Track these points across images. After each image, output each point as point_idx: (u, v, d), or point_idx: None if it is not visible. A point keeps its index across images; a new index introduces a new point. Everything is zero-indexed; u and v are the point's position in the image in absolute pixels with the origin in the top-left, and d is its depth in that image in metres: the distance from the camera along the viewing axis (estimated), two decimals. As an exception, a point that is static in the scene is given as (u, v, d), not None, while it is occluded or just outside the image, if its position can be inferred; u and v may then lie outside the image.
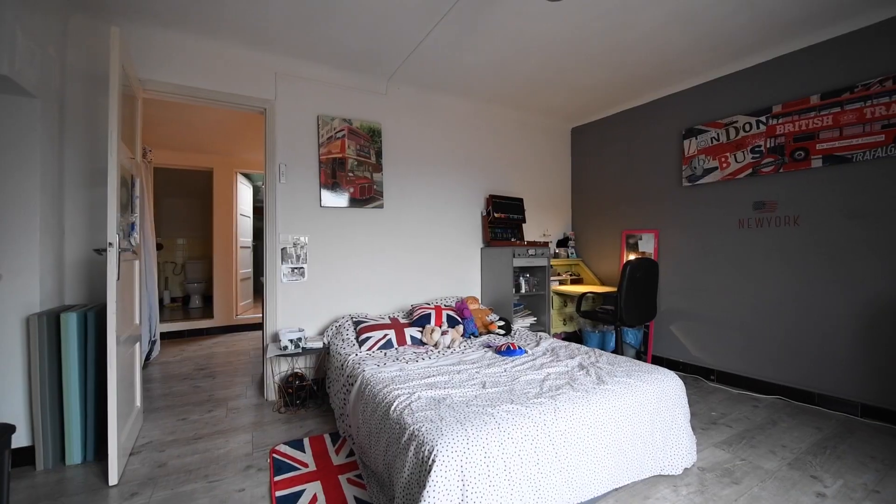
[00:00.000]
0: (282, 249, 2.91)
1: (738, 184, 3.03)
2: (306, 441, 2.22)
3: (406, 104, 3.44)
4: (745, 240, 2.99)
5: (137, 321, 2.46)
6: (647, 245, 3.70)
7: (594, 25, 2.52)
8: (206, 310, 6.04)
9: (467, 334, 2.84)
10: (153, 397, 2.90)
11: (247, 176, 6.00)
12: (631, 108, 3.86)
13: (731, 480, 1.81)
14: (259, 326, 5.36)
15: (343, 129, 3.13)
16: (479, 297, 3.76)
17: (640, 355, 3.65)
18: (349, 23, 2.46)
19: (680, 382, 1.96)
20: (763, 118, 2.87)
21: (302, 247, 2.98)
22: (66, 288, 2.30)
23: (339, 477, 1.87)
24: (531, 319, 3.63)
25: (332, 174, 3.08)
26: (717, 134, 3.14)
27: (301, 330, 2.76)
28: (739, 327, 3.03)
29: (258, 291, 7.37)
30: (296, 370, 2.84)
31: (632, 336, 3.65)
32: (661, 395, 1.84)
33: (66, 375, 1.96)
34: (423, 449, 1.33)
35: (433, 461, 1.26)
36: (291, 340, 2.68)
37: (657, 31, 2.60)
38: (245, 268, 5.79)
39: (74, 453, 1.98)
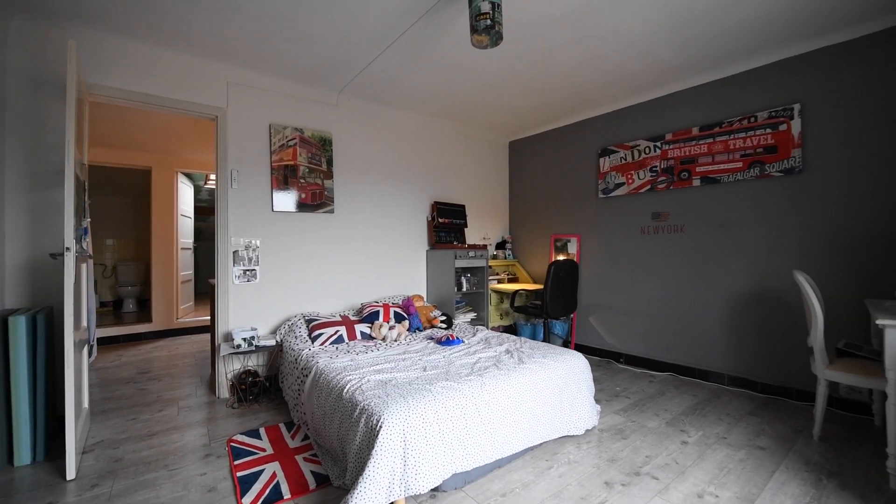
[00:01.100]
0: (233, 252, 3.02)
1: (640, 197, 3.62)
2: (262, 430, 2.39)
3: (356, 115, 3.67)
4: (646, 244, 3.58)
5: (85, 324, 2.48)
6: (573, 247, 4.23)
7: (522, 61, 2.93)
8: (142, 314, 5.80)
9: (413, 329, 3.14)
10: (96, 401, 2.88)
11: (188, 175, 5.84)
12: (559, 128, 4.38)
13: (621, 437, 2.28)
14: (203, 329, 5.29)
15: (295, 138, 3.30)
16: (424, 295, 4.08)
17: (566, 344, 4.16)
18: (304, 42, 2.66)
19: (585, 361, 2.41)
20: (658, 143, 3.47)
21: (254, 249, 3.11)
22: (6, 291, 2.29)
23: (296, 457, 2.08)
24: (472, 315, 4.00)
25: (284, 180, 3.24)
26: (625, 154, 3.71)
27: (254, 329, 2.90)
28: (641, 317, 3.61)
29: (201, 294, 7.16)
30: (248, 368, 2.97)
31: (559, 327, 4.15)
32: (569, 371, 2.27)
33: (15, 378, 1.99)
34: (372, 419, 1.61)
35: (380, 427, 1.54)
36: (245, 339, 2.82)
37: (573, 70, 3.07)
38: (186, 270, 5.64)
39: (23, 454, 2.01)
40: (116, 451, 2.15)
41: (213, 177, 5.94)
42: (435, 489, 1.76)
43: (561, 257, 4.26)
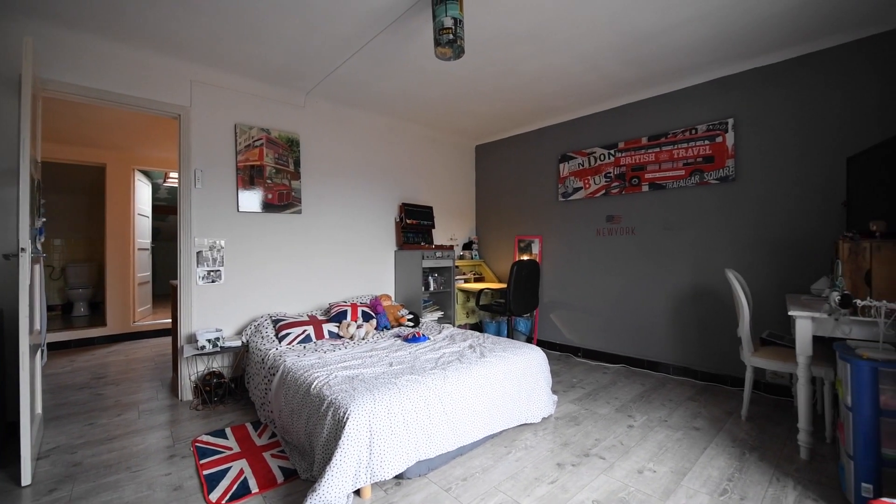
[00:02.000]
0: (197, 253, 2.99)
1: (596, 201, 3.86)
2: (228, 430, 2.41)
3: (324, 117, 3.70)
4: (601, 245, 3.83)
5: (38, 328, 2.40)
6: (536, 248, 4.43)
7: (485, 71, 3.08)
8: (95, 317, 5.54)
9: (380, 327, 3.22)
10: (48, 408, 2.77)
11: (145, 173, 5.63)
12: (522, 134, 4.57)
13: (575, 423, 2.46)
14: (163, 332, 5.12)
15: (261, 138, 3.30)
16: (392, 294, 4.16)
17: (529, 340, 4.36)
18: (272, 44, 2.68)
19: (542, 355, 2.58)
20: (612, 151, 3.72)
21: (219, 250, 3.09)
22: (-51, 294, 2.18)
23: (263, 454, 2.12)
24: (439, 313, 4.12)
25: (250, 180, 3.23)
26: (582, 161, 3.94)
27: (219, 330, 2.89)
28: (597, 313, 3.85)
29: (160, 296, 6.89)
30: (213, 369, 2.95)
31: (523, 324, 4.34)
32: (528, 364, 2.43)
33: (-38, 383, 1.92)
34: (339, 412, 1.69)
35: (347, 418, 1.63)
36: (209, 340, 2.80)
37: (533, 80, 3.25)
38: (143, 271, 5.44)
39: (-29, 462, 1.94)
40: (74, 456, 2.11)
41: (172, 175, 5.74)
42: (400, 476, 1.85)
43: (525, 257, 4.46)
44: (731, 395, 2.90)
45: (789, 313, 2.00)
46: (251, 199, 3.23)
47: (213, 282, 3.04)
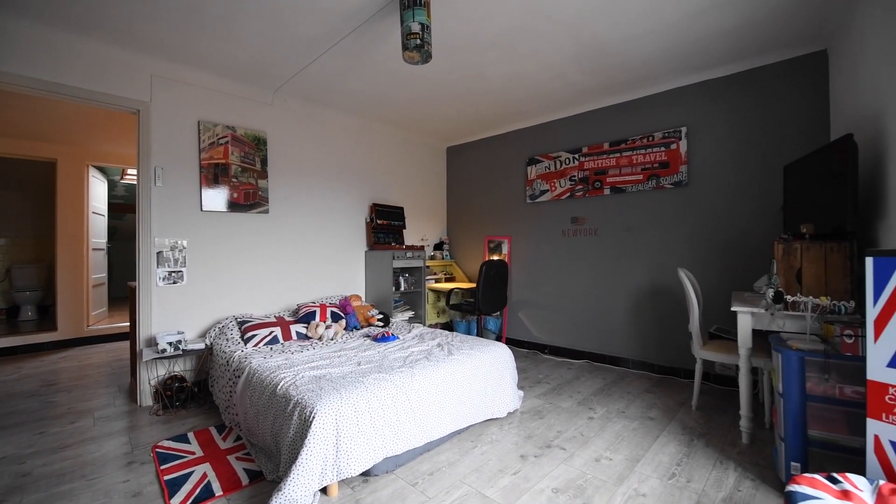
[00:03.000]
0: (158, 253, 2.90)
1: (562, 203, 4.01)
2: (191, 435, 2.35)
3: (293, 116, 3.66)
4: (566, 245, 3.97)
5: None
6: (506, 248, 4.54)
7: (454, 75, 3.14)
8: (44, 322, 5.22)
9: (350, 328, 3.22)
10: (-8, 417, 2.62)
11: (101, 169, 5.36)
12: (492, 136, 4.67)
13: (539, 417, 2.56)
14: (120, 336, 4.90)
15: (226, 136, 3.23)
16: (363, 295, 4.15)
17: (499, 338, 4.46)
18: (237, 41, 2.63)
19: (508, 352, 2.66)
20: (577, 155, 3.87)
21: (181, 250, 3.00)
22: None
23: (228, 457, 2.09)
24: (409, 313, 4.15)
25: (215, 179, 3.16)
26: (549, 164, 4.08)
27: (181, 333, 2.81)
28: (563, 311, 3.99)
29: (117, 299, 6.55)
30: (174, 373, 2.87)
31: (492, 323, 4.44)
32: (494, 361, 2.50)
33: None
34: (305, 411, 1.70)
35: (313, 417, 1.64)
36: (170, 343, 2.73)
37: (501, 86, 3.34)
38: (99, 272, 5.18)
39: None
40: (23, 466, 2.01)
41: (131, 171, 5.49)
42: (367, 473, 1.88)
43: (495, 257, 4.55)
44: (684, 387, 3.08)
45: (732, 309, 2.17)
46: (216, 199, 3.15)
47: (174, 283, 2.95)
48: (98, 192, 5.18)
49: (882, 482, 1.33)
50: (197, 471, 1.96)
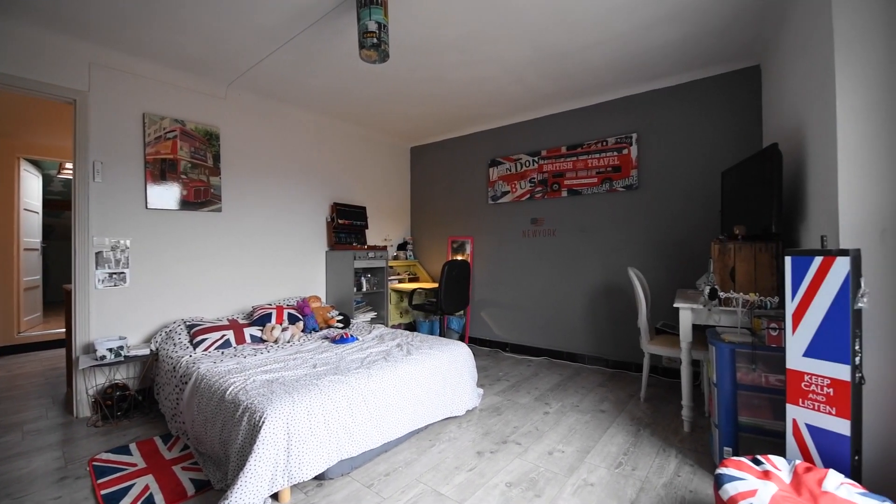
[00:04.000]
0: (96, 253, 2.71)
1: (522, 204, 4.10)
2: (133, 446, 2.22)
3: (248, 110, 3.53)
4: (526, 246, 4.07)
5: None
6: (469, 248, 4.58)
7: (416, 75, 3.14)
8: (-34, 329, 4.74)
9: (308, 329, 3.15)
10: None
11: (34, 163, 4.94)
12: (455, 137, 4.71)
13: (497, 414, 2.61)
14: (56, 344, 4.54)
15: (175, 130, 3.07)
16: (323, 296, 4.07)
17: (462, 338, 4.50)
18: (186, 30, 2.51)
19: (467, 350, 2.69)
20: (536, 158, 3.97)
21: (123, 250, 2.83)
22: None
23: (173, 467, 2.00)
24: (372, 314, 4.11)
25: (162, 175, 3.00)
26: (510, 166, 4.17)
27: (123, 338, 2.65)
28: (523, 310, 4.09)
29: (53, 303, 6.06)
30: (116, 381, 2.69)
31: (456, 323, 4.47)
32: (453, 360, 2.53)
33: None
34: (254, 416, 1.65)
35: (263, 422, 1.60)
36: (111, 349, 2.56)
37: (464, 87, 3.38)
38: (32, 275, 4.77)
39: None
40: (-67, 489, 1.82)
41: (69, 166, 5.10)
42: (321, 477, 1.85)
43: (459, 257, 4.59)
44: (634, 380, 3.24)
45: (674, 305, 2.31)
46: (163, 196, 2.99)
47: (115, 285, 2.77)
48: (31, 188, 4.78)
49: (798, 461, 1.46)
50: (138, 483, 1.85)
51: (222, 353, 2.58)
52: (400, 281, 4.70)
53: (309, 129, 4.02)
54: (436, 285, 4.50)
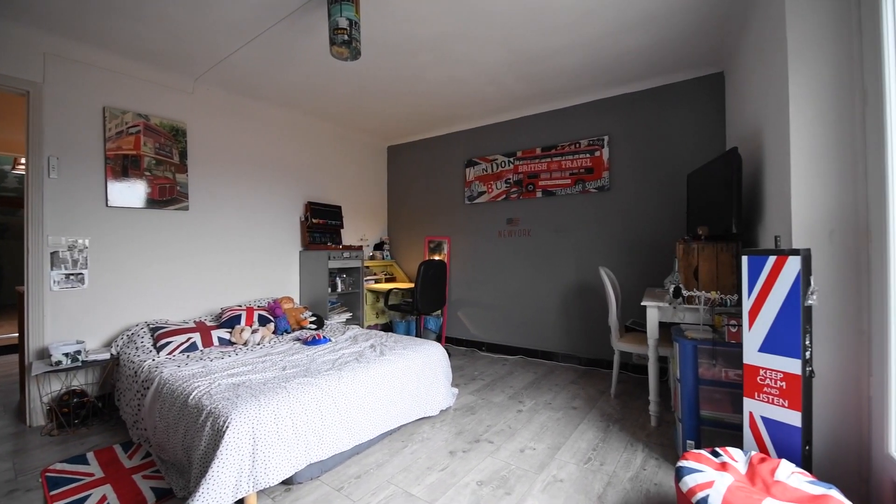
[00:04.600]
0: (52, 253, 2.58)
1: (498, 205, 4.13)
2: (90, 455, 2.12)
3: (217, 106, 3.42)
4: (502, 245, 4.11)
5: None
6: (446, 248, 4.59)
7: (391, 74, 3.12)
8: None
9: (280, 331, 3.08)
10: None
11: (-15, 157, 4.65)
12: (432, 137, 4.71)
13: (471, 413, 2.62)
14: (7, 349, 4.28)
15: (138, 125, 2.95)
16: (297, 296, 3.99)
17: (439, 338, 4.50)
18: (151, 21, 2.40)
19: (442, 350, 2.69)
20: (511, 159, 4.01)
21: (81, 250, 2.70)
22: None
23: (133, 476, 1.92)
24: (347, 315, 4.06)
25: (124, 172, 2.87)
26: (486, 166, 4.19)
27: (80, 342, 2.53)
28: (499, 309, 4.12)
29: (5, 306, 5.71)
30: (73, 387, 2.57)
31: (433, 322, 4.47)
32: (427, 360, 2.52)
33: None
34: (218, 421, 1.60)
35: (227, 427, 1.55)
36: (67, 354, 2.44)
37: (440, 87, 3.38)
38: (-18, 276, 4.49)
39: None
40: None
41: (24, 161, 4.82)
42: (289, 481, 1.81)
43: (436, 257, 4.59)
44: (606, 377, 3.31)
45: (642, 304, 2.37)
46: (125, 193, 2.87)
47: (73, 287, 2.64)
48: (-19, 184, 4.50)
49: (754, 453, 1.52)
50: (95, 494, 1.77)
51: (188, 356, 2.49)
52: (376, 281, 4.66)
53: (282, 127, 3.93)
54: (410, 285, 4.48)
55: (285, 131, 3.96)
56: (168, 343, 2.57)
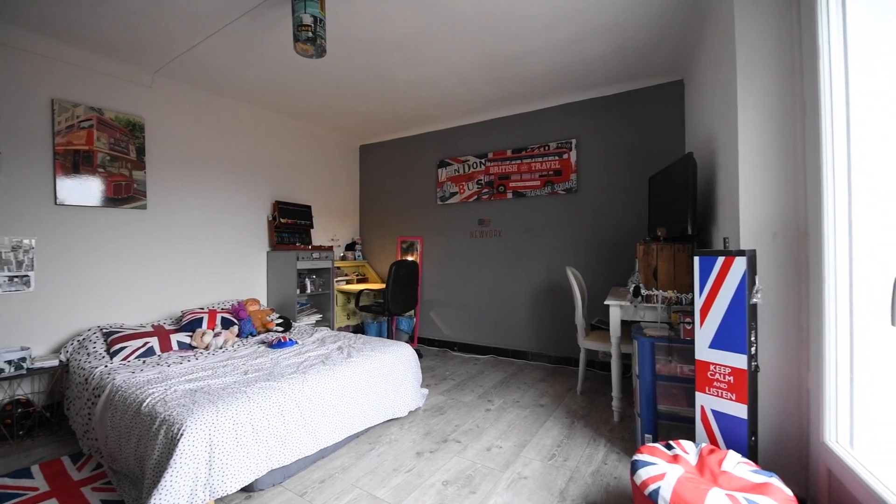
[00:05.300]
0: (-7, 254, 2.41)
1: (470, 205, 4.16)
2: (35, 468, 2.00)
3: (179, 101, 3.29)
4: (474, 246, 4.14)
5: None
6: (419, 248, 4.57)
7: (361, 73, 3.09)
8: None
9: (245, 334, 2.99)
10: None
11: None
12: (405, 137, 4.69)
13: (440, 413, 2.63)
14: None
15: (91, 119, 2.80)
16: (264, 298, 3.89)
17: (411, 339, 4.48)
18: (102, 10, 2.29)
19: (411, 351, 2.69)
20: (483, 160, 4.05)
21: (26, 251, 2.54)
22: None
23: (82, 489, 1.82)
24: (317, 317, 3.99)
25: (75, 168, 2.72)
26: (458, 167, 4.21)
27: (25, 349, 2.38)
28: (471, 309, 4.15)
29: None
30: (18, 396, 2.41)
31: (405, 323, 4.44)
32: (395, 361, 2.51)
33: None
34: (172, 428, 1.54)
35: (181, 435, 1.49)
36: (10, 361, 2.29)
37: (411, 87, 3.37)
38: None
39: None
40: None
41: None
42: (250, 488, 1.77)
43: (409, 258, 4.57)
44: (574, 374, 3.39)
45: (605, 302, 2.44)
46: (76, 191, 2.72)
47: (16, 290, 2.48)
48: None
49: (704, 445, 1.59)
50: (37, 510, 1.67)
51: (144, 362, 2.39)
52: (348, 282, 4.60)
53: (248, 123, 3.82)
54: (379, 285, 4.45)
55: (252, 128, 3.85)
56: (122, 348, 2.45)
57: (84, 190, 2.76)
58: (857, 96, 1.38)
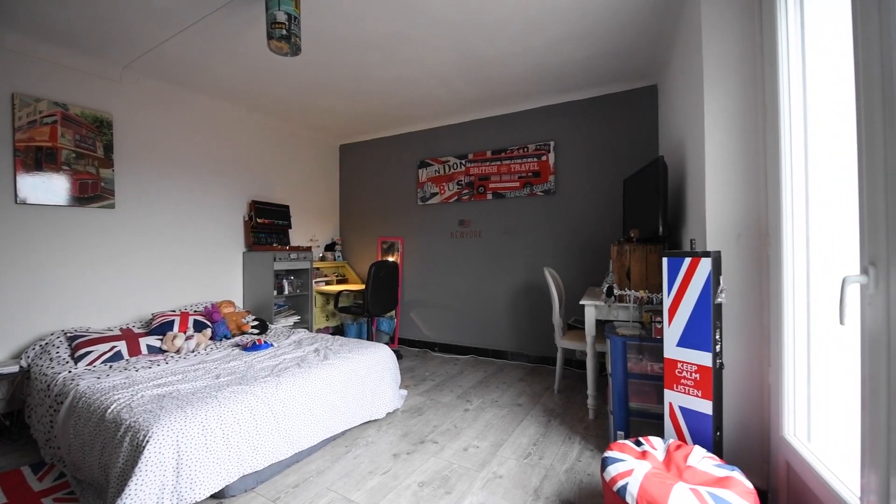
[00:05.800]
0: (-54, 256, 2.30)
1: (450, 206, 4.17)
2: (-9, 480, 1.91)
3: (149, 96, 3.20)
4: (454, 246, 4.15)
5: None
6: (399, 249, 4.56)
7: (340, 71, 3.06)
8: None
9: (218, 337, 2.93)
10: None
11: None
12: (385, 137, 4.66)
13: (418, 414, 2.62)
14: None
15: (55, 114, 2.70)
16: (240, 300, 3.81)
17: (392, 340, 4.46)
18: (74, 3, 2.21)
19: (389, 352, 2.68)
20: (463, 161, 4.06)
21: (-16, 252, 2.42)
22: None
23: (43, 500, 1.75)
24: (295, 318, 3.93)
25: (37, 165, 2.61)
26: (439, 168, 4.21)
27: (-18, 354, 2.27)
28: (451, 309, 4.16)
29: None
30: (-27, 405, 2.30)
31: (386, 324, 4.42)
32: (373, 362, 2.50)
33: None
34: (137, 436, 1.49)
35: (147, 442, 1.45)
36: (-35, 368, 2.18)
37: (390, 87, 3.35)
38: None
39: None
40: None
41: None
42: (221, 495, 1.73)
43: (390, 258, 4.55)
44: (552, 373, 3.43)
45: (580, 302, 2.48)
46: (39, 189, 2.61)
47: (-28, 293, 2.37)
48: None
49: (671, 440, 1.64)
50: (-8, 523, 1.60)
51: (110, 366, 2.31)
52: (327, 283, 4.55)
53: (223, 121, 3.74)
54: (359, 286, 4.42)
55: (228, 126, 3.77)
56: (88, 353, 2.36)
57: (47, 188, 2.65)
58: (814, 103, 1.44)
